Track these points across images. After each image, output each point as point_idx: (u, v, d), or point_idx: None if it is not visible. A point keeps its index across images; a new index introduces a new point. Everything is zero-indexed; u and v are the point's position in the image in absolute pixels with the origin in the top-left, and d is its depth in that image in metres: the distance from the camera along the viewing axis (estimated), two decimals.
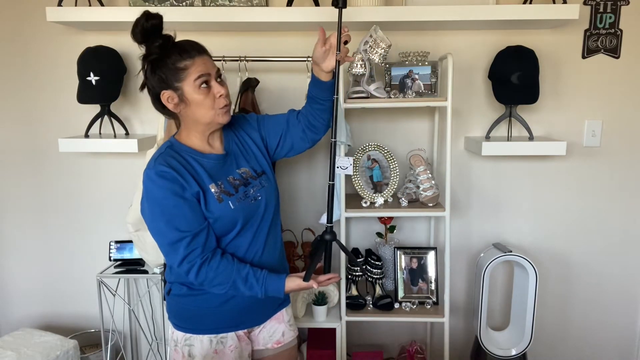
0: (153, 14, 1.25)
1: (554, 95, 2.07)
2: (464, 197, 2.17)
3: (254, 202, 1.37)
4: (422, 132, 2.12)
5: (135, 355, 2.37)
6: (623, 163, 2.12)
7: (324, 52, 1.33)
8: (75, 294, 2.30)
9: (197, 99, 1.27)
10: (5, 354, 1.88)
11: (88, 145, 1.95)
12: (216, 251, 1.31)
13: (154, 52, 1.26)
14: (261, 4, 1.92)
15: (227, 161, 1.38)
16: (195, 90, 1.27)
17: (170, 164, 1.27)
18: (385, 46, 1.74)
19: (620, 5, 2.00)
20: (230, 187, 1.34)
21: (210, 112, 1.29)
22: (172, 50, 1.26)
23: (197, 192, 1.28)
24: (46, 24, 2.05)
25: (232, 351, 1.39)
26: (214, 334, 1.38)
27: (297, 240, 2.13)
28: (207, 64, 1.29)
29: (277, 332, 1.50)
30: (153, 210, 1.27)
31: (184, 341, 1.39)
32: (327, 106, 1.44)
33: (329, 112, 1.46)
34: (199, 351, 1.37)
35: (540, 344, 2.28)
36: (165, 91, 1.28)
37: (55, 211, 2.24)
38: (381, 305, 1.99)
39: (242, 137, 1.46)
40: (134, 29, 1.25)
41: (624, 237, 2.18)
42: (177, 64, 1.25)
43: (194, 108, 1.29)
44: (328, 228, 1.36)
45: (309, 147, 1.54)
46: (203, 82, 1.27)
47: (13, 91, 2.14)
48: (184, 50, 1.26)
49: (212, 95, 1.29)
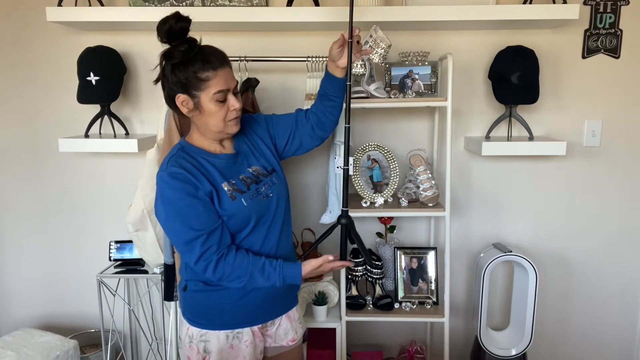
0: (184, 16, 1.25)
1: (554, 95, 2.07)
2: (464, 197, 2.17)
3: (266, 199, 1.40)
4: (422, 132, 2.12)
5: (135, 355, 2.37)
6: (623, 163, 2.12)
7: (339, 48, 1.39)
8: (75, 294, 2.30)
9: (212, 109, 1.30)
10: (5, 354, 1.88)
11: (88, 145, 1.95)
12: (231, 247, 1.34)
13: (177, 56, 1.25)
14: (261, 4, 1.92)
15: (237, 160, 1.41)
16: (211, 102, 1.29)
17: (182, 165, 1.30)
18: (385, 46, 1.74)
19: (620, 5, 2.00)
20: (242, 185, 1.37)
21: (221, 124, 1.33)
22: (196, 58, 1.26)
23: (210, 191, 1.31)
24: (46, 24, 2.05)
25: (247, 346, 1.41)
26: (230, 330, 1.40)
27: (297, 240, 2.13)
28: (228, 77, 1.31)
29: (290, 330, 1.54)
30: (168, 211, 1.30)
31: (200, 337, 1.41)
32: (339, 103, 1.50)
33: (338, 109, 1.52)
34: (215, 346, 1.39)
35: (540, 344, 2.28)
36: (181, 95, 1.30)
37: (55, 211, 2.24)
38: (381, 305, 1.99)
39: (251, 136, 1.49)
40: (160, 26, 1.24)
41: (624, 237, 2.18)
42: (199, 73, 1.26)
43: (206, 117, 1.32)
44: (343, 212, 1.40)
45: (317, 145, 1.58)
46: (221, 97, 1.30)
47: (13, 91, 2.14)
48: (207, 61, 1.26)
49: (227, 107, 1.32)
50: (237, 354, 1.41)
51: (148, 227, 1.75)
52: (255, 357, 1.44)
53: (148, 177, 1.71)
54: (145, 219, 1.73)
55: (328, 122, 1.52)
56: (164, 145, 1.70)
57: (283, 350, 1.55)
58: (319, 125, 1.52)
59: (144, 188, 1.72)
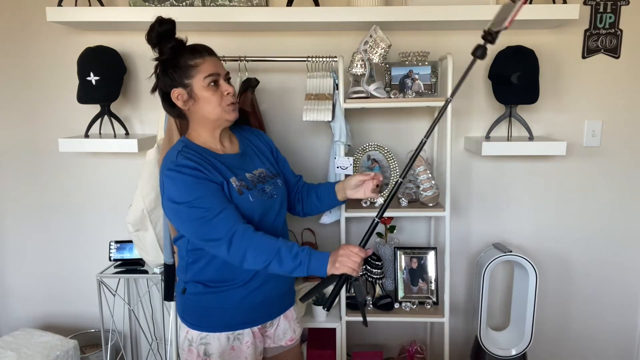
0: (166, 19, 1.33)
1: (554, 95, 2.07)
2: (464, 197, 2.17)
3: (271, 199, 1.42)
4: (422, 132, 2.12)
5: (135, 355, 2.37)
6: (623, 163, 2.12)
7: (358, 183, 1.54)
8: (75, 294, 2.30)
9: (205, 95, 1.34)
10: (5, 354, 1.88)
11: (88, 145, 1.95)
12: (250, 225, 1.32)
13: (166, 52, 1.34)
14: (261, 4, 1.92)
15: (243, 160, 1.44)
16: (204, 87, 1.34)
17: (190, 159, 1.32)
18: (385, 46, 1.74)
19: (620, 5, 2.00)
20: (248, 182, 1.38)
21: (218, 109, 1.35)
22: (184, 51, 1.34)
23: (221, 182, 1.32)
24: (46, 24, 2.05)
25: (248, 347, 1.42)
26: (231, 331, 1.40)
27: (297, 240, 2.13)
28: (217, 64, 1.38)
29: (289, 330, 1.54)
30: (183, 196, 1.28)
31: (200, 340, 1.40)
32: (322, 210, 1.66)
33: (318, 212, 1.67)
34: (216, 349, 1.39)
35: (540, 344, 2.28)
36: (175, 89, 1.35)
37: (55, 211, 2.24)
38: (381, 305, 1.99)
39: (256, 143, 1.53)
40: (149, 33, 1.33)
41: (624, 237, 2.18)
42: (189, 61, 1.33)
43: (202, 104, 1.35)
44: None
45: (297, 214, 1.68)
46: (212, 80, 1.34)
47: (13, 91, 2.14)
48: (195, 50, 1.34)
49: (220, 92, 1.36)
50: (238, 355, 1.41)
51: (148, 227, 1.74)
52: (255, 358, 1.44)
53: (148, 177, 1.71)
54: (145, 219, 1.73)
55: (307, 211, 1.65)
56: (163, 145, 1.69)
57: (282, 351, 1.55)
58: (299, 205, 1.64)
59: (144, 188, 1.72)
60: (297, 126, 2.10)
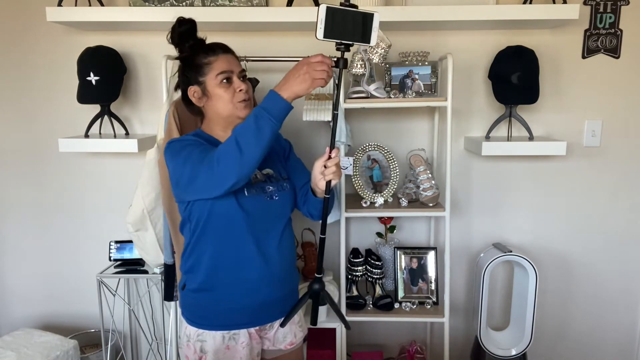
0: (186, 19, 1.39)
1: (554, 95, 2.07)
2: (464, 197, 2.17)
3: (269, 200, 1.41)
4: (422, 132, 2.12)
5: (135, 355, 2.37)
6: (623, 163, 2.12)
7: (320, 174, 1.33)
8: (75, 294, 2.30)
9: (217, 92, 1.36)
10: (5, 354, 1.88)
11: (88, 145, 1.95)
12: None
13: (185, 50, 1.39)
14: (261, 4, 1.92)
15: None
16: (216, 84, 1.36)
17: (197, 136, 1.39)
18: (385, 46, 1.74)
19: (620, 5, 2.00)
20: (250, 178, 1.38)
21: (229, 106, 1.37)
22: (200, 50, 1.38)
23: None
24: (46, 24, 2.05)
25: (243, 348, 1.41)
26: (227, 330, 1.40)
27: (298, 240, 2.13)
28: (232, 62, 1.39)
29: (289, 334, 1.52)
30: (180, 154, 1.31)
31: (197, 336, 1.41)
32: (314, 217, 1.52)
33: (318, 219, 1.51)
34: (211, 347, 1.39)
35: (540, 344, 2.28)
36: (191, 87, 1.39)
37: (55, 211, 2.24)
38: (381, 305, 1.99)
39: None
40: (171, 34, 1.39)
41: (624, 237, 2.18)
42: (203, 59, 1.37)
43: (215, 101, 1.37)
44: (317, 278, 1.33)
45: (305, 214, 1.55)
46: (225, 78, 1.36)
47: (13, 91, 2.14)
48: (209, 49, 1.38)
49: (233, 89, 1.37)
50: (233, 355, 1.40)
51: (148, 227, 1.74)
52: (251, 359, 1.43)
53: (148, 177, 1.71)
54: (145, 219, 1.73)
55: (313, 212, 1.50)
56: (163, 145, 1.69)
57: (281, 354, 1.53)
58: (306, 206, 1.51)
59: (144, 188, 1.71)
60: (297, 126, 2.10)
